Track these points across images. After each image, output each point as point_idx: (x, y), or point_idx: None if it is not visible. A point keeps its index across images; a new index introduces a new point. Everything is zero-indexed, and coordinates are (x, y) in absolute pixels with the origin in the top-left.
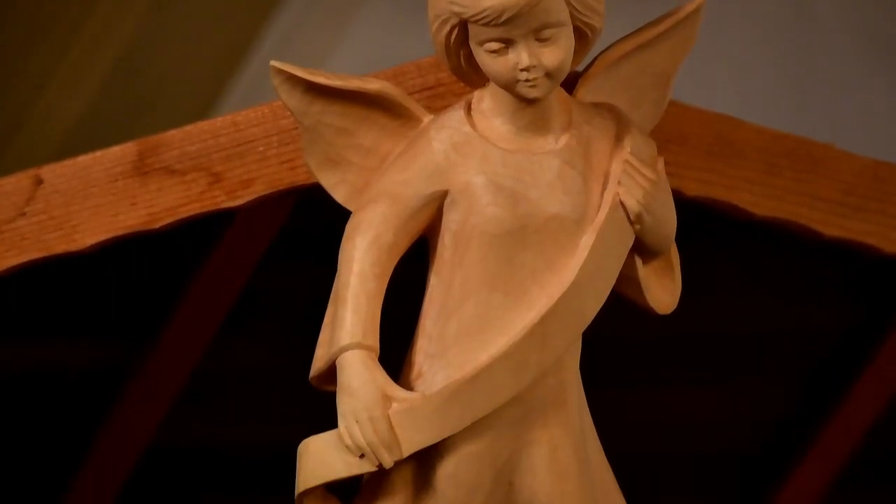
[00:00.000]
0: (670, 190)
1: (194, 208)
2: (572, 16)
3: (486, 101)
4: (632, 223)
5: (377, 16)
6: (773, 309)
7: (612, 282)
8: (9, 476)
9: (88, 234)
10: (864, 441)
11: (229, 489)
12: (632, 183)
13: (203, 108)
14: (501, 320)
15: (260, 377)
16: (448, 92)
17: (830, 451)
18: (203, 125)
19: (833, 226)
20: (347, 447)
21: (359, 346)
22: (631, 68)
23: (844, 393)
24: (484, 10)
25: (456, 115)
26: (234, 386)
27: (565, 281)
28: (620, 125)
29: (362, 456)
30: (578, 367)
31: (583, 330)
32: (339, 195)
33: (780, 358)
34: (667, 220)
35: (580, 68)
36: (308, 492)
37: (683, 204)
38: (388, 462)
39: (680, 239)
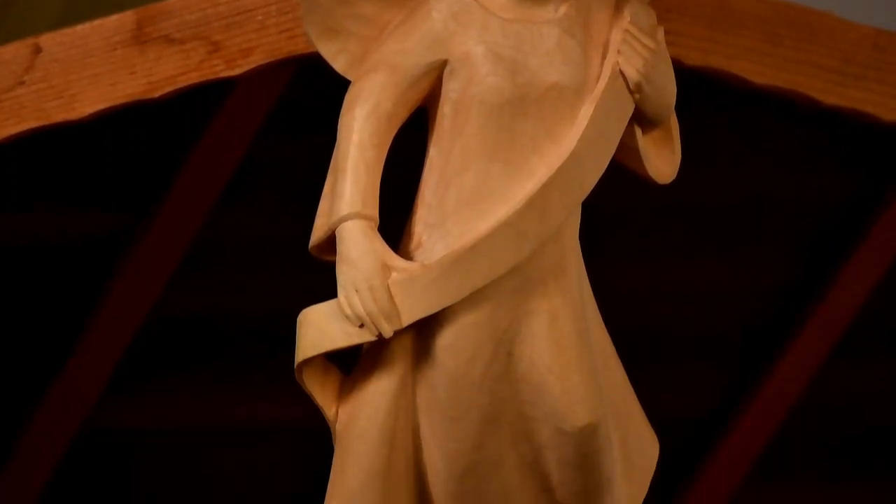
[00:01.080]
0: (670, 59)
1: (193, 77)
2: None
3: None
4: (631, 92)
5: None
6: (772, 178)
7: (612, 152)
8: (11, 345)
9: (87, 102)
10: (862, 310)
11: (228, 359)
12: (631, 52)
13: None
14: (501, 190)
15: (259, 247)
16: None
17: (829, 320)
18: None
19: (832, 94)
20: (347, 317)
21: (358, 215)
22: None
23: (843, 262)
24: None
25: None
26: (234, 256)
27: (565, 151)
28: None
29: (362, 326)
30: (578, 237)
31: (582, 200)
32: (339, 65)
33: (780, 227)
34: (666, 89)
35: None
36: (307, 361)
37: (683, 73)
38: (387, 331)
39: (679, 108)
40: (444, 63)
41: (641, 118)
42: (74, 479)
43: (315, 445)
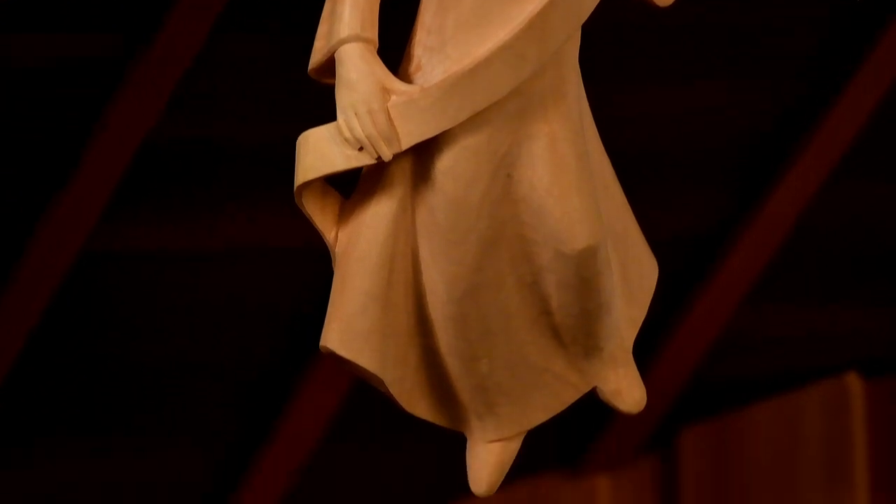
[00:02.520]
0: None
1: None
2: None
3: None
4: None
5: None
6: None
7: None
8: (9, 170)
9: None
10: (862, 132)
11: (227, 182)
12: None
13: None
14: (500, 13)
15: (258, 70)
16: None
17: (830, 142)
18: None
19: None
20: (346, 140)
21: (357, 38)
22: None
23: (844, 84)
24: None
25: None
26: (233, 79)
27: None
28: None
29: (361, 149)
30: (577, 60)
31: (582, 22)
32: None
33: (781, 49)
34: None
35: None
36: (306, 185)
37: None
38: (386, 155)
39: None
40: None
41: None
42: (73, 302)
43: (314, 268)
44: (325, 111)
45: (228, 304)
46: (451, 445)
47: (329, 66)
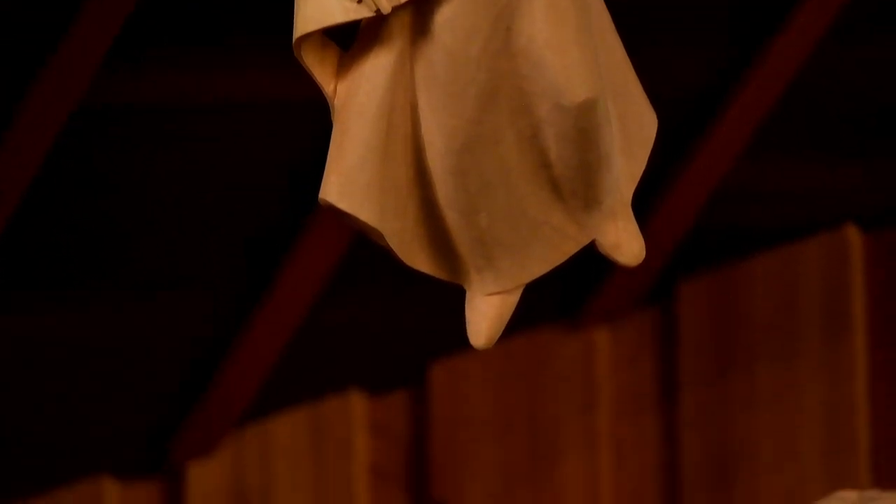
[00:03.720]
0: None
1: None
2: None
3: None
4: None
5: None
6: None
7: None
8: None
9: None
10: None
11: (226, 35)
12: None
13: None
14: None
15: None
16: None
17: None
18: None
19: None
20: None
21: None
22: None
23: None
24: None
25: None
26: None
27: None
28: None
29: (360, 1)
30: None
31: None
32: None
33: None
34: None
35: None
36: (305, 37)
37: None
38: (385, 7)
39: None
40: None
41: None
42: (69, 156)
43: (313, 120)
44: None
45: (227, 157)
46: (451, 299)
47: None
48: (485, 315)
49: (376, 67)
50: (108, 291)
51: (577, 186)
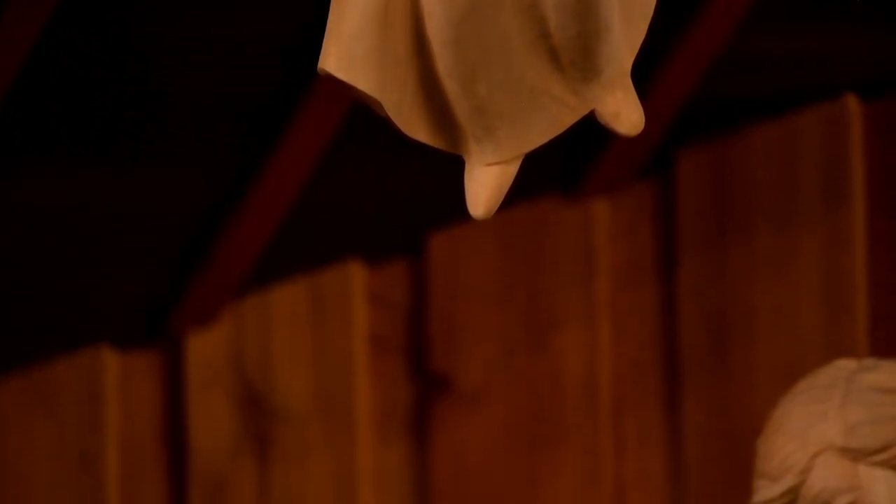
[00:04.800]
0: None
1: None
2: None
3: None
4: None
5: None
6: None
7: None
8: None
9: None
10: None
11: None
12: None
13: None
14: None
15: None
16: None
17: None
18: None
19: None
20: None
21: None
22: None
23: None
24: None
25: None
26: None
27: None
28: None
29: None
30: None
31: None
32: None
33: None
34: None
35: None
36: None
37: None
38: None
39: None
40: None
41: None
42: (72, 20)
43: None
44: None
45: (227, 28)
46: (450, 169)
47: None
48: (484, 185)
49: None
50: (106, 161)
51: (577, 56)
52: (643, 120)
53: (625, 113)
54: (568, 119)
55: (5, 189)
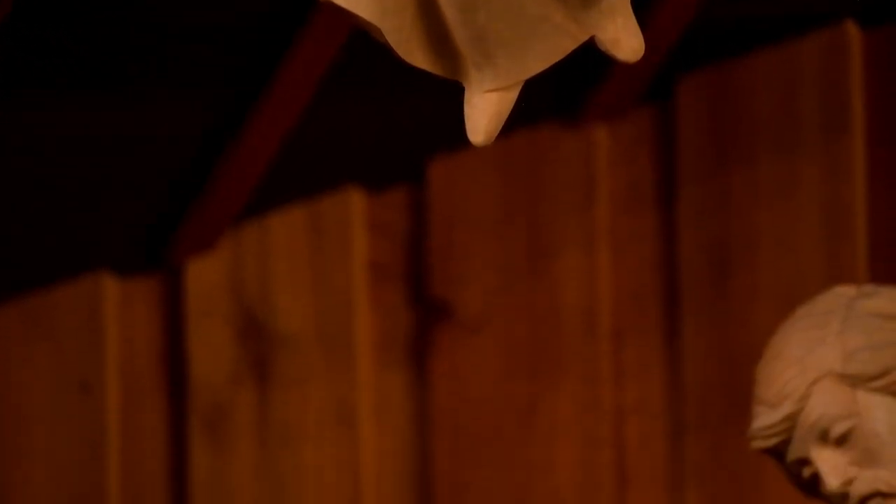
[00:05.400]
0: None
1: None
2: None
3: None
4: None
5: None
6: None
7: None
8: None
9: None
10: None
11: None
12: None
13: None
14: None
15: None
16: None
17: None
18: None
19: None
20: None
21: None
22: None
23: None
24: None
25: None
26: None
27: None
28: None
29: None
30: None
31: None
32: None
33: None
34: None
35: None
36: None
37: None
38: None
39: None
40: None
41: None
42: None
43: None
44: None
45: None
46: (450, 96)
47: None
48: (483, 111)
49: None
50: (106, 90)
51: None
52: (643, 46)
53: (625, 39)
54: (568, 46)
55: (6, 119)
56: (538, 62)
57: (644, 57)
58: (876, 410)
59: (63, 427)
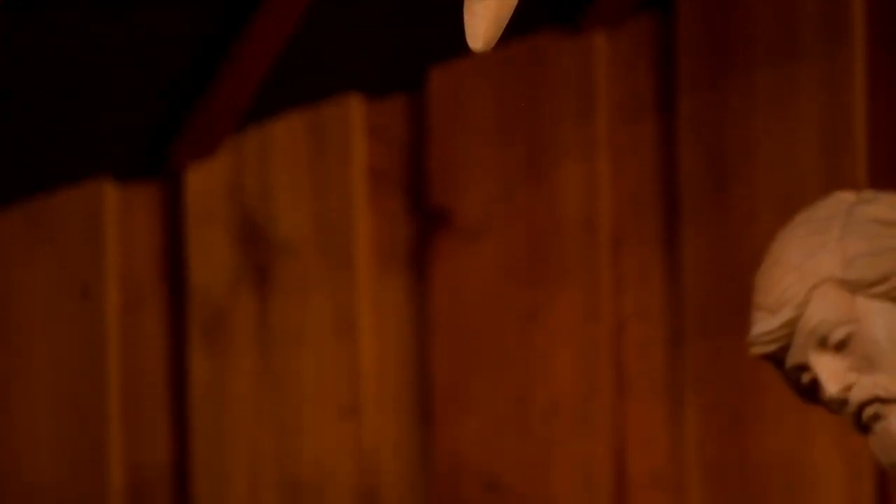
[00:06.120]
0: None
1: None
2: None
3: None
4: None
5: None
6: None
7: None
8: None
9: None
10: None
11: None
12: None
13: None
14: None
15: None
16: None
17: None
18: None
19: None
20: None
21: None
22: None
23: None
24: None
25: None
26: None
27: None
28: None
29: None
30: None
31: None
32: None
33: None
34: None
35: None
36: None
37: None
38: None
39: None
40: None
41: None
42: None
43: None
44: None
45: None
46: (450, 3)
47: None
48: (483, 17)
49: None
50: None
51: None
52: None
53: None
54: None
55: (5, 28)
56: None
57: None
58: (875, 316)
59: (64, 331)
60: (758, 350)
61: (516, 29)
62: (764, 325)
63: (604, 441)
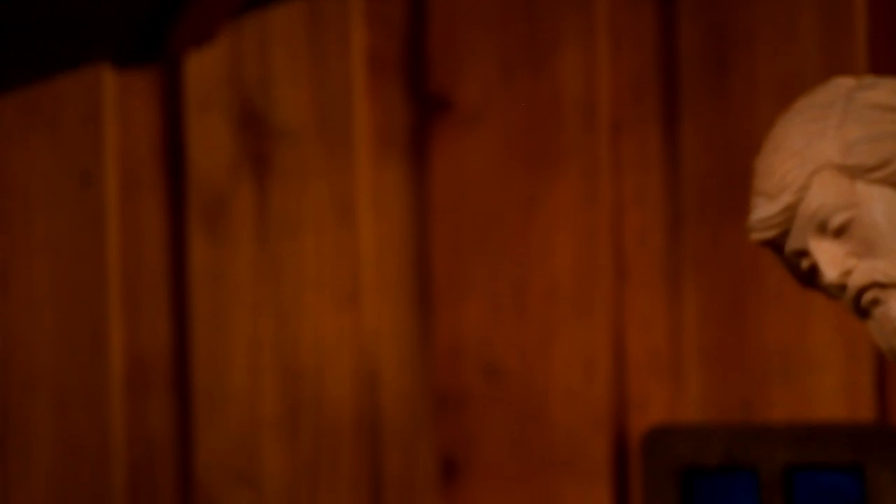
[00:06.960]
0: None
1: None
2: None
3: None
4: None
5: None
6: None
7: None
8: None
9: None
10: None
11: None
12: None
13: None
14: None
15: None
16: None
17: None
18: None
19: None
20: None
21: None
22: None
23: None
24: None
25: None
26: None
27: None
28: None
29: None
30: None
31: None
32: None
33: None
34: None
35: None
36: None
37: None
38: None
39: None
40: None
41: None
42: None
43: None
44: None
45: None
46: None
47: None
48: None
49: None
50: None
51: None
52: None
53: None
54: None
55: None
56: None
57: None
58: (875, 202)
59: (63, 217)
60: (757, 236)
61: None
62: (763, 210)
63: (603, 324)
